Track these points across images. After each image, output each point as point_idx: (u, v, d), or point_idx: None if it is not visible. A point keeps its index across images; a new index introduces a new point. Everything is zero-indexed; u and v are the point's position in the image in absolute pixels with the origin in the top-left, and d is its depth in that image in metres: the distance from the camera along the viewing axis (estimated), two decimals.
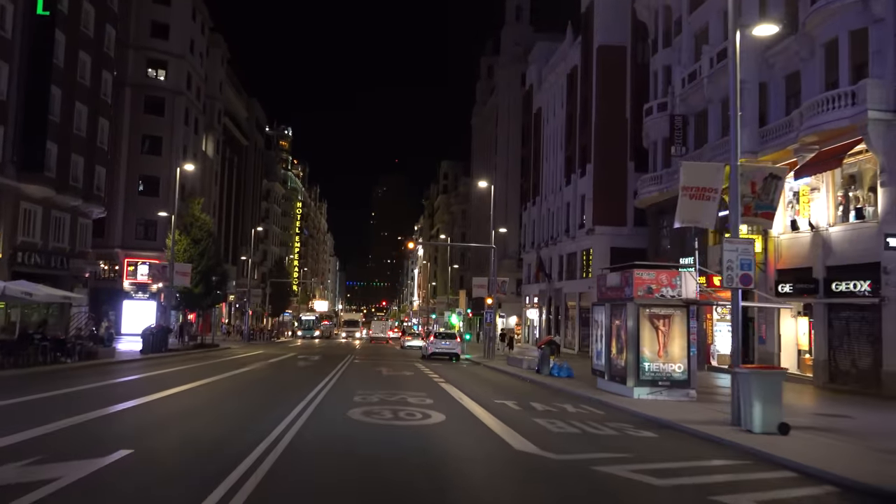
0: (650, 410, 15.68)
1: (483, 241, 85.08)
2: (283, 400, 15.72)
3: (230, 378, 21.35)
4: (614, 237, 48.15)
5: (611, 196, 48.39)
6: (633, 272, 18.42)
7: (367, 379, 22.42)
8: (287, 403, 14.91)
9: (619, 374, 18.93)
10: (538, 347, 27.36)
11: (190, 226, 38.92)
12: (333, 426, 12.13)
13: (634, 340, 18.08)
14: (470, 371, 29.91)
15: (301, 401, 15.43)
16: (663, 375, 17.99)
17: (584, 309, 50.34)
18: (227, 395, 17.56)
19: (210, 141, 70.88)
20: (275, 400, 15.92)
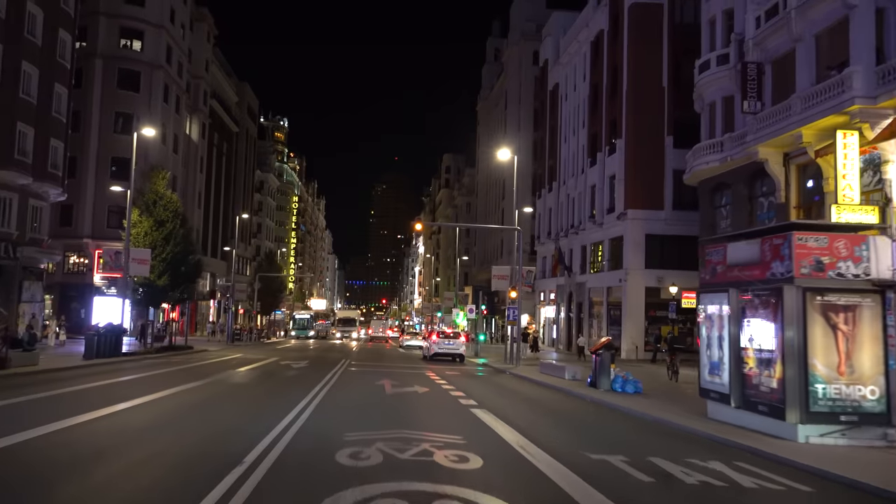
0: (859, 473, 8.62)
1: (493, 230, 78.10)
2: (211, 454, 8.58)
3: (154, 403, 14.15)
4: (650, 222, 41.10)
5: (645, 176, 41.29)
6: (791, 236, 11.23)
7: (365, 402, 15.20)
8: (214, 462, 7.79)
9: (763, 400, 11.74)
10: (592, 353, 20.19)
11: (153, 204, 31.78)
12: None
13: (799, 348, 10.92)
14: (499, 384, 22.71)
15: (239, 462, 8.23)
16: (847, 404, 10.82)
17: (614, 305, 43.26)
18: (126, 441, 10.37)
19: (195, 124, 63.72)
20: (185, 461, 8.71)
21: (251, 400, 15.06)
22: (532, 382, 23.05)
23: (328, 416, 12.51)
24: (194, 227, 62.98)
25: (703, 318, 13.71)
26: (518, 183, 70.54)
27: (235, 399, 15.33)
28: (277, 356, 32.61)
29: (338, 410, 13.36)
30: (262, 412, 12.72)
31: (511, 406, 16.14)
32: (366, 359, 33.98)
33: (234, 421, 11.81)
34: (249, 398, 15.52)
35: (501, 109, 75.84)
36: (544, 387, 21.65)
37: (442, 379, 22.51)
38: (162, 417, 12.20)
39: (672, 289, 38.56)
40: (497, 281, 33.05)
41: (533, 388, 21.19)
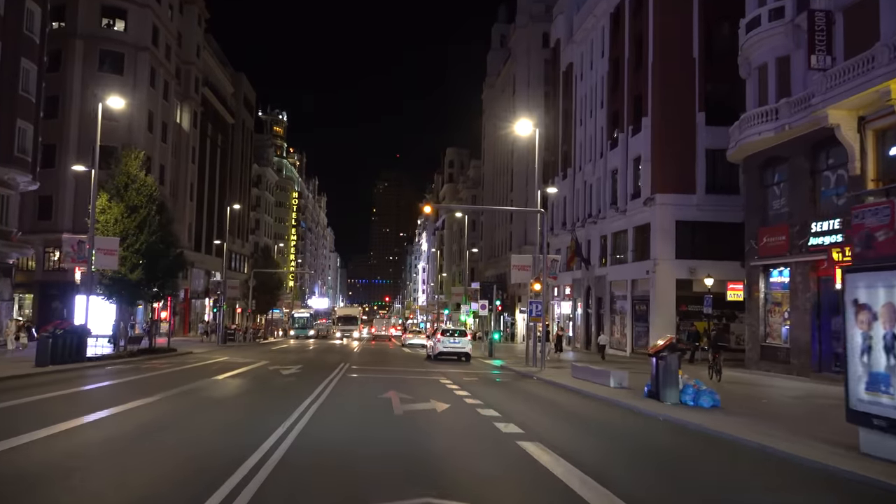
0: None
1: (501, 222, 73.87)
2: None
3: (72, 433, 9.95)
4: (681, 208, 36.84)
5: (675, 156, 37.01)
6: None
7: (365, 433, 10.64)
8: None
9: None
10: (652, 355, 15.89)
11: (124, 188, 27.56)
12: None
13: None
14: (530, 394, 18.42)
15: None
16: None
17: (640, 299, 39.02)
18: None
19: (186, 112, 59.53)
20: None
21: (206, 430, 10.77)
22: (571, 392, 18.77)
23: (307, 462, 8.26)
24: (186, 221, 58.95)
25: (857, 309, 9.37)
26: (528, 172, 66.46)
27: (184, 428, 11.01)
28: (268, 359, 28.39)
29: (325, 451, 9.06)
30: (211, 455, 8.46)
31: (564, 431, 11.92)
32: (368, 361, 29.76)
33: (161, 475, 7.56)
34: (206, 426, 11.24)
35: (509, 96, 71.57)
36: (589, 398, 17.36)
37: (459, 387, 18.27)
38: (69, 460, 7.98)
39: (707, 280, 34.32)
40: (517, 272, 28.78)
41: (576, 401, 16.89)
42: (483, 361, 33.30)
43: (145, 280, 28.52)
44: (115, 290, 27.73)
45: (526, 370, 25.64)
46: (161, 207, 31.76)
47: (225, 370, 21.77)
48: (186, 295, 62.87)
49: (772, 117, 25.79)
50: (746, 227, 28.85)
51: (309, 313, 71.81)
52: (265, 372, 21.82)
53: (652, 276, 36.99)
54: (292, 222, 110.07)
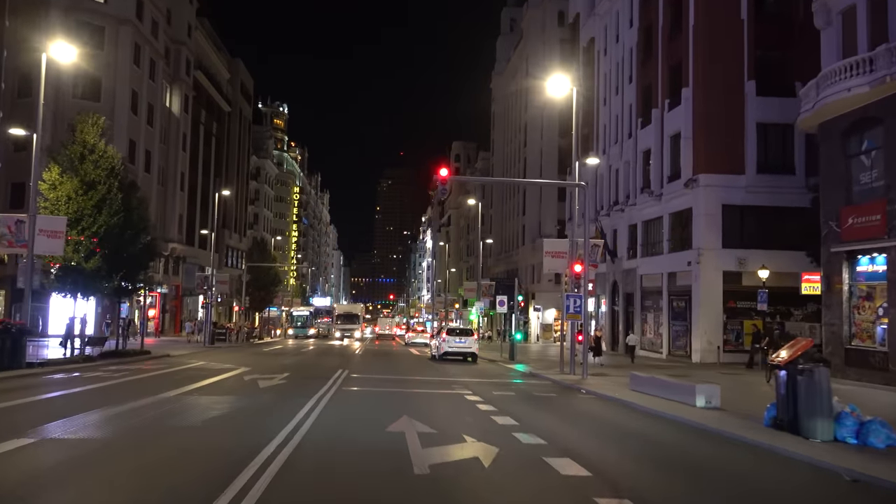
0: None
1: (512, 214, 68.80)
2: None
3: None
4: (728, 190, 31.89)
5: (721, 131, 32.04)
6: None
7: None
8: None
9: None
10: (781, 367, 10.77)
11: (79, 160, 22.60)
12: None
13: None
14: (593, 418, 13.37)
15: None
16: None
17: (678, 294, 34.09)
18: None
19: (175, 95, 54.59)
20: None
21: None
22: (645, 414, 13.70)
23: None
24: (177, 212, 54.01)
25: None
26: (544, 160, 61.56)
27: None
28: (252, 365, 23.40)
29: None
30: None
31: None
32: (371, 366, 24.75)
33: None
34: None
35: (520, 81, 66.49)
36: (678, 426, 12.30)
37: (494, 407, 13.28)
38: None
39: (761, 272, 29.33)
40: (550, 260, 23.76)
41: (667, 431, 11.81)
42: (503, 366, 28.33)
43: (105, 270, 23.50)
44: (68, 281, 22.73)
45: (564, 379, 20.62)
46: (130, 186, 26.80)
47: (189, 381, 16.78)
48: (178, 292, 58.00)
49: (865, 69, 20.74)
50: (823, 206, 23.79)
51: (309, 311, 66.62)
52: (238, 384, 16.80)
53: (695, 268, 31.98)
54: (293, 218, 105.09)
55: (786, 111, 31.76)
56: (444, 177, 20.38)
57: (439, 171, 20.43)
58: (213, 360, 25.96)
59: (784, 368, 10.68)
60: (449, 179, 20.42)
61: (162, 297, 54.27)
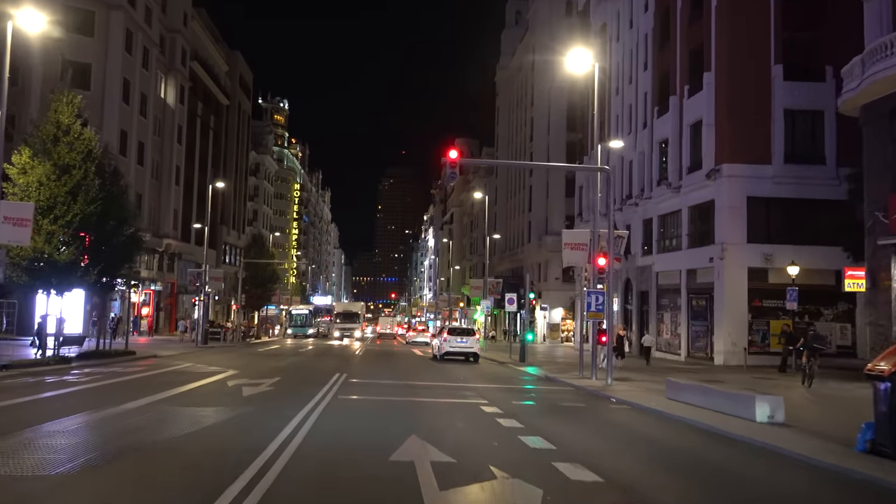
0: None
1: (517, 211, 66.52)
2: None
3: None
4: (753, 181, 29.70)
5: (746, 118, 29.88)
6: None
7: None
8: None
9: None
10: (886, 377, 8.59)
11: (52, 142, 20.44)
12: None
13: None
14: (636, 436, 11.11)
15: None
16: None
17: (698, 292, 31.95)
18: None
19: (170, 86, 52.39)
20: None
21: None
22: (700, 432, 11.47)
23: None
24: (171, 207, 51.82)
25: None
26: (551, 155, 59.30)
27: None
28: (241, 367, 21.22)
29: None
30: None
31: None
32: (371, 371, 22.50)
33: None
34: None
35: (526, 74, 64.33)
36: (740, 445, 10.10)
37: (520, 423, 11.07)
38: None
39: (791, 269, 27.11)
40: (569, 252, 21.61)
41: (735, 456, 9.59)
42: (514, 368, 26.15)
43: (81, 263, 21.32)
44: (38, 275, 20.54)
45: (586, 385, 18.43)
46: (113, 174, 24.61)
47: (164, 388, 14.60)
48: (173, 289, 55.84)
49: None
50: (867, 195, 21.59)
51: (308, 310, 64.27)
52: (219, 391, 14.61)
53: (717, 264, 29.77)
54: (294, 215, 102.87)
55: (815, 97, 29.65)
56: (453, 159, 18.19)
57: (448, 153, 18.25)
58: (201, 361, 23.77)
59: (888, 380, 8.47)
60: (458, 162, 18.22)
61: (156, 294, 52.16)
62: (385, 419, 11.10)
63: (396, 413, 11.91)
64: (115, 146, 42.78)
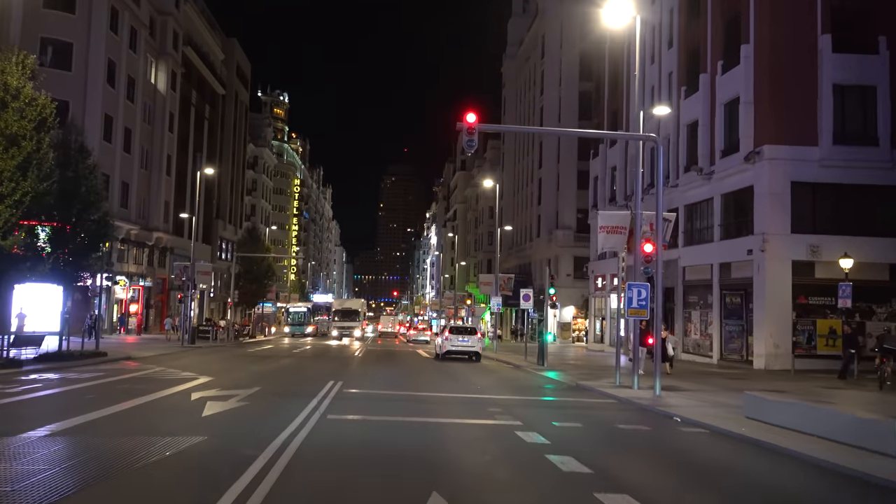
0: None
1: (526, 205, 63.18)
2: None
3: None
4: (797, 164, 26.43)
5: (790, 95, 26.63)
6: None
7: None
8: None
9: None
10: None
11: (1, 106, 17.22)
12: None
13: None
14: (759, 487, 7.66)
15: None
16: None
17: (732, 288, 28.78)
18: None
19: (161, 71, 49.09)
20: None
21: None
22: (823, 471, 8.15)
23: None
24: (162, 199, 48.52)
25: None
26: (562, 147, 56.01)
27: None
28: (219, 373, 17.94)
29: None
30: None
31: None
32: (372, 378, 19.13)
33: None
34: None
35: (535, 63, 61.01)
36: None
37: (584, 467, 7.73)
38: None
39: (844, 262, 23.83)
40: (605, 237, 18.30)
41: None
42: (534, 373, 22.88)
43: (34, 251, 18.06)
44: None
45: (630, 396, 15.13)
46: (80, 151, 21.47)
47: (109, 402, 11.33)
48: (164, 286, 52.57)
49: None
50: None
51: (306, 308, 60.76)
52: (175, 408, 11.32)
53: (758, 257, 26.48)
54: (294, 211, 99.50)
55: (867, 71, 26.40)
56: (471, 123, 14.97)
57: (466, 118, 15.01)
58: (176, 365, 20.49)
59: None
60: (476, 128, 14.97)
61: (146, 290, 48.94)
62: (392, 460, 7.81)
63: (407, 446, 8.65)
64: (97, 131, 39.69)
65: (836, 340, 26.30)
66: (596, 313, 46.33)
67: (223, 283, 53.22)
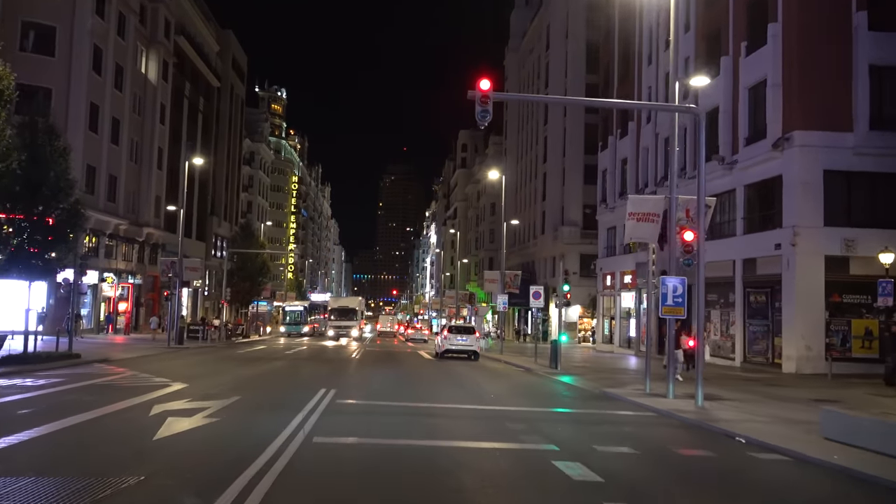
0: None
1: (531, 201, 60.80)
2: None
3: None
4: (831, 152, 24.25)
5: (821, 77, 24.42)
6: None
7: None
8: None
9: None
10: None
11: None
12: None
13: None
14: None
15: None
16: None
17: (757, 285, 26.63)
18: None
19: (152, 60, 46.79)
20: None
21: None
22: None
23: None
24: (153, 193, 46.28)
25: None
26: (568, 141, 53.80)
27: None
28: (194, 380, 15.68)
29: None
30: None
31: None
32: (371, 385, 16.81)
33: None
34: None
35: (539, 55, 58.76)
36: None
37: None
38: None
39: (884, 256, 21.65)
40: (634, 225, 16.04)
41: None
42: (549, 378, 20.68)
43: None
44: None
45: (671, 408, 12.91)
46: (48, 132, 19.31)
47: (55, 417, 9.18)
48: (156, 283, 50.29)
49: None
50: None
51: (303, 307, 58.30)
52: (127, 427, 9.09)
53: (787, 252, 24.29)
54: (291, 209, 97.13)
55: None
56: (485, 91, 12.77)
57: (479, 84, 12.81)
58: (152, 369, 18.23)
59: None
60: (490, 96, 12.76)
61: (136, 288, 46.67)
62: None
63: (415, 487, 6.41)
64: (82, 120, 37.43)
65: (871, 342, 24.25)
66: (605, 312, 44.11)
67: (218, 282, 50.91)
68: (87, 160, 37.83)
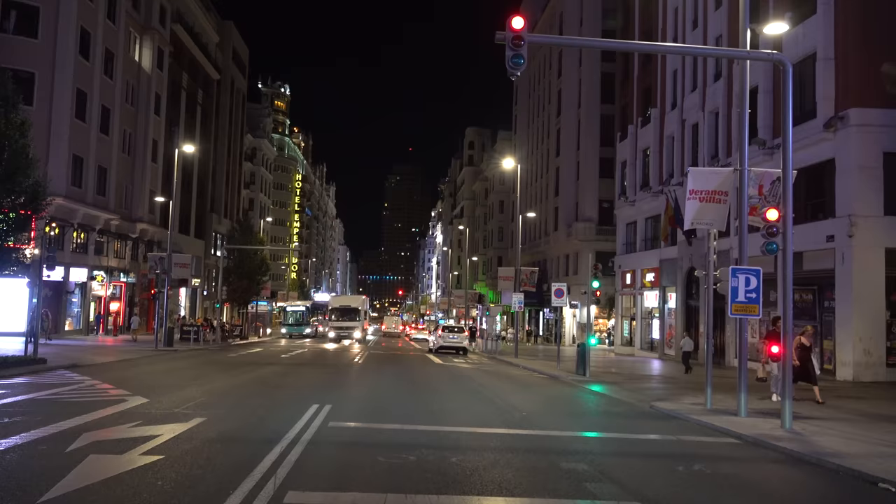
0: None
1: (538, 197, 57.97)
2: None
3: None
4: (892, 132, 21.37)
5: (882, 49, 21.56)
6: None
7: None
8: None
9: None
10: None
11: None
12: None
13: None
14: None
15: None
16: None
17: (803, 282, 23.61)
18: None
19: (146, 47, 44.16)
20: None
21: None
22: None
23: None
24: (147, 188, 43.63)
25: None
26: (582, 132, 50.98)
27: None
28: (159, 393, 12.90)
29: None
30: None
31: None
32: (374, 399, 14.01)
33: None
34: None
35: (551, 45, 55.85)
36: None
37: None
38: None
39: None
40: (697, 206, 12.96)
41: None
42: (581, 388, 17.85)
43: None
44: None
45: (759, 434, 10.08)
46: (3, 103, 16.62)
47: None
48: (151, 284, 47.65)
49: None
50: None
51: (305, 307, 55.31)
52: (4, 473, 6.33)
53: (842, 244, 21.43)
54: (295, 207, 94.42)
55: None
56: (517, 29, 10.07)
57: (511, 22, 10.11)
58: (117, 377, 15.48)
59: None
60: (523, 35, 10.03)
61: (129, 287, 44.02)
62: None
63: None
64: (68, 107, 34.79)
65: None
66: (624, 313, 41.22)
67: (217, 280, 48.22)
68: (74, 150, 35.21)
